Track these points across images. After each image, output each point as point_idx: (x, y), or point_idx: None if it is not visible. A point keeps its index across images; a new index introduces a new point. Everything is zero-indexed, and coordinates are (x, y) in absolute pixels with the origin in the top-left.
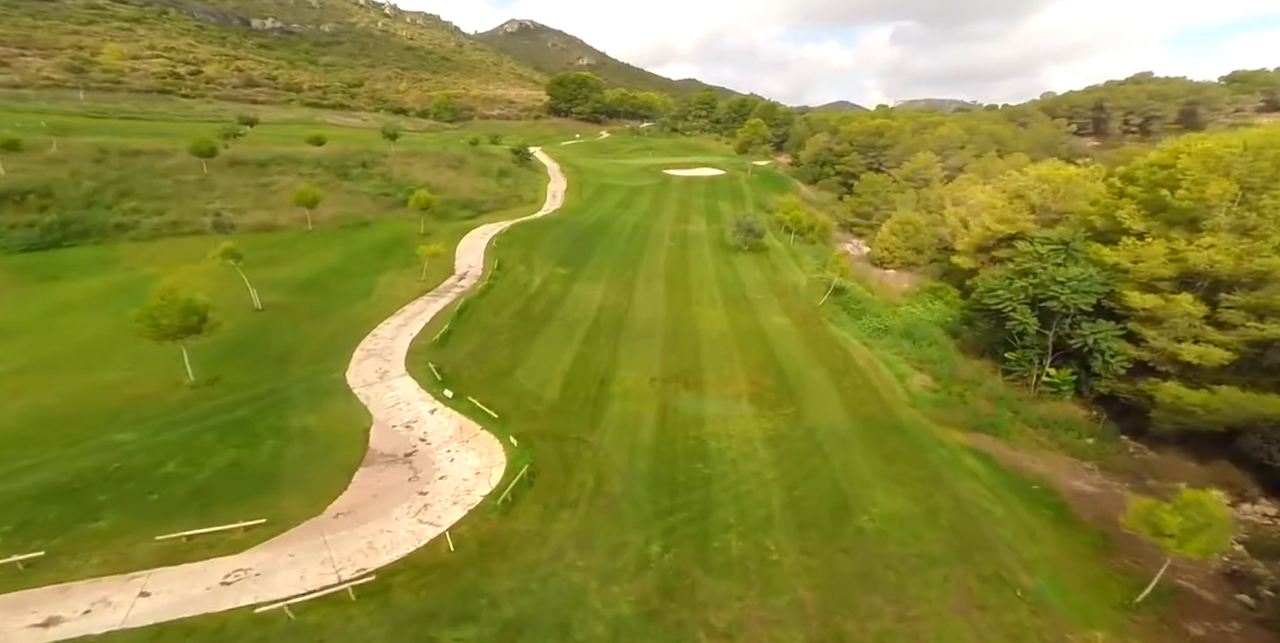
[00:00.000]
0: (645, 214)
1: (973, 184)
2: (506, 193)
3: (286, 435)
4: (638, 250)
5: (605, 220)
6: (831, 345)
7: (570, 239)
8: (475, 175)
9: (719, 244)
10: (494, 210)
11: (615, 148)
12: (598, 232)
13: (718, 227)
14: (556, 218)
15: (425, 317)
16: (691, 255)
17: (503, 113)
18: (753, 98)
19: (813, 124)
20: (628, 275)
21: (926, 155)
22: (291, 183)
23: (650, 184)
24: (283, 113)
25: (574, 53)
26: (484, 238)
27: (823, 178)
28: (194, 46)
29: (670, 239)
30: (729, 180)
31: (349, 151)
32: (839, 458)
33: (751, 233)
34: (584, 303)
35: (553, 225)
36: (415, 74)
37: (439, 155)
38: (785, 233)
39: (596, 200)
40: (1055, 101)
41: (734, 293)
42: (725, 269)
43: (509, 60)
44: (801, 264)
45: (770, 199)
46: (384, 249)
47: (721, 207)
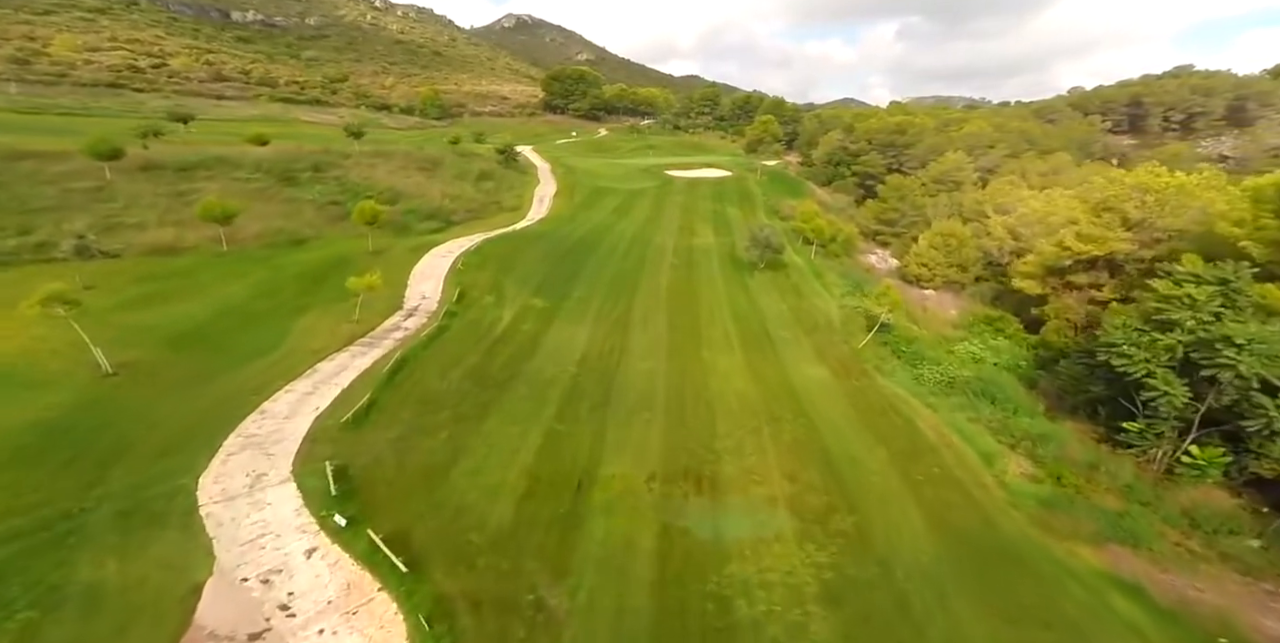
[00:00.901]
0: (644, 223)
1: (1015, 188)
2: (485, 199)
3: (55, 601)
4: (634, 272)
5: (598, 232)
6: (887, 410)
7: (553, 258)
8: (450, 179)
9: (730, 261)
10: (467, 221)
11: (613, 147)
12: (588, 247)
13: (728, 238)
14: (540, 230)
15: (345, 379)
16: (699, 277)
17: (495, 109)
18: (757, 94)
19: (824, 121)
20: (621, 308)
21: (957, 155)
22: (220, 190)
23: (650, 187)
24: (248, 109)
25: (572, 48)
26: (448, 258)
27: (837, 179)
28: (162, 39)
29: (673, 255)
30: (737, 182)
31: (300, 152)
32: (938, 626)
33: (769, 249)
34: (563, 351)
35: (534, 240)
36: (404, 69)
37: (410, 156)
38: (805, 245)
39: (589, 207)
40: (1085, 97)
41: (753, 329)
42: (740, 295)
43: (505, 55)
44: (828, 286)
45: (783, 203)
46: (316, 277)
47: (730, 213)
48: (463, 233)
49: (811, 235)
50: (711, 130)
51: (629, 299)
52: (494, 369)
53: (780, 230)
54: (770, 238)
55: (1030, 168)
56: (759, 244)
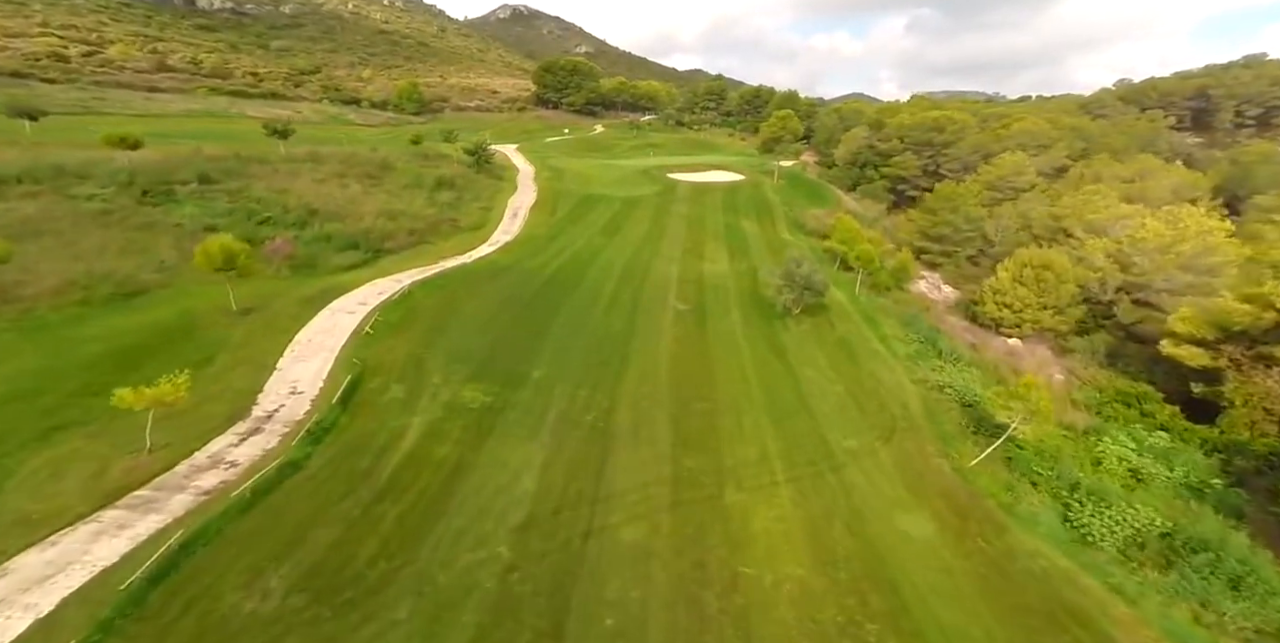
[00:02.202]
0: (641, 244)
1: (1104, 199)
2: (438, 216)
3: None
4: (624, 330)
5: (580, 261)
6: (1056, 615)
7: (512, 310)
8: (397, 190)
9: (753, 301)
10: (408, 248)
11: (610, 145)
12: (563, 288)
13: (745, 263)
14: (503, 261)
15: (45, 598)
16: (715, 335)
17: (482, 104)
18: (767, 88)
19: (844, 116)
20: (601, 402)
21: (1016, 156)
22: (38, 214)
23: (650, 194)
24: (186, 102)
25: (571, 40)
26: (357, 313)
27: (863, 182)
28: (105, 25)
29: (678, 296)
30: (751, 188)
31: (189, 158)
32: None
33: (811, 290)
34: (494, 507)
35: (490, 278)
36: (385, 61)
37: (353, 160)
38: (842, 270)
39: (574, 222)
40: (1137, 90)
41: (802, 436)
42: (774, 367)
43: (498, 47)
44: (889, 342)
45: (806, 214)
46: (128, 360)
47: (745, 227)
48: (394, 268)
49: (856, 262)
50: (718, 127)
51: (614, 382)
52: (360, 562)
53: (811, 252)
54: (812, 276)
55: (1105, 172)
56: (795, 284)
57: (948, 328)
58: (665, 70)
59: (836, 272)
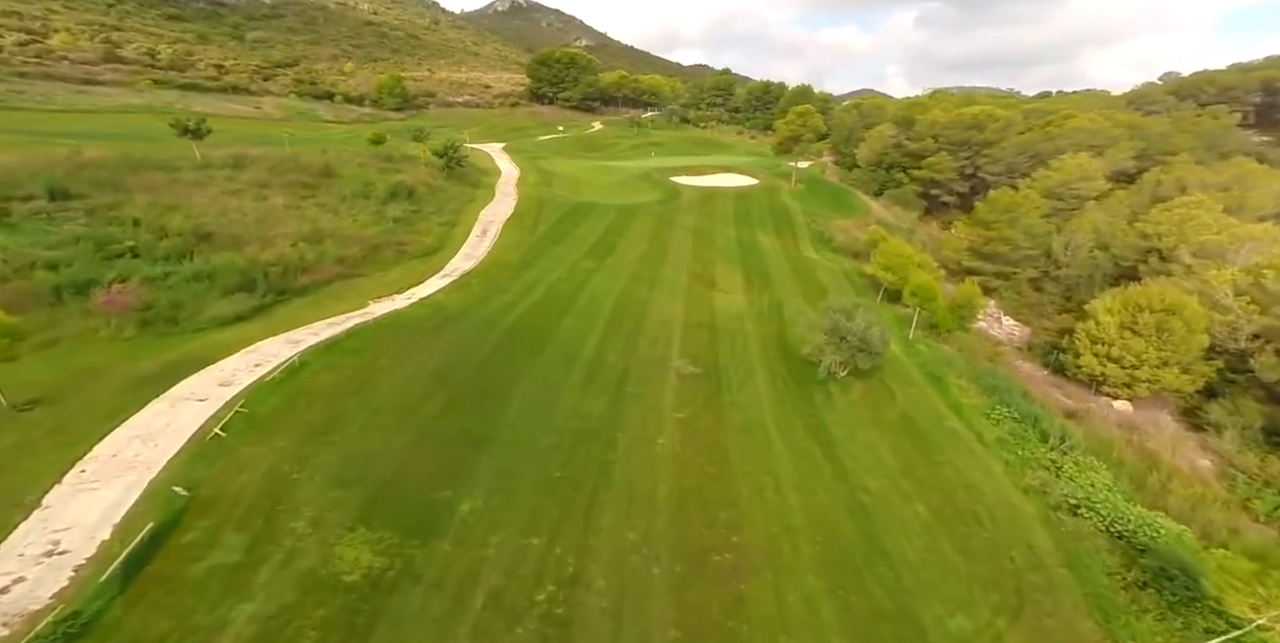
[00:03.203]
0: (638, 270)
1: (1208, 212)
2: (381, 237)
3: None
4: (607, 420)
5: (554, 302)
6: None
7: (445, 390)
8: (335, 202)
9: (780, 355)
10: (327, 286)
11: (608, 144)
12: (527, 347)
13: (768, 295)
14: (450, 305)
15: None
16: (735, 420)
17: (472, 99)
18: (776, 83)
19: (864, 113)
20: (559, 573)
21: (1081, 159)
22: None
23: (651, 201)
24: (125, 96)
25: (571, 33)
26: (215, 398)
27: (890, 186)
28: (54, 12)
29: (683, 354)
30: (766, 194)
31: (46, 165)
32: None
33: (867, 352)
34: None
35: (426, 336)
36: (371, 53)
37: (287, 164)
38: (884, 300)
39: (556, 241)
40: (1190, 84)
41: (878, 607)
42: (821, 472)
43: (494, 41)
44: (973, 421)
45: (832, 225)
46: None
47: (762, 243)
48: (298, 319)
49: (912, 299)
50: (725, 124)
51: (585, 521)
52: None
53: (844, 276)
54: (869, 333)
55: (1190, 178)
56: (845, 343)
57: (1032, 386)
58: (668, 65)
59: (879, 304)
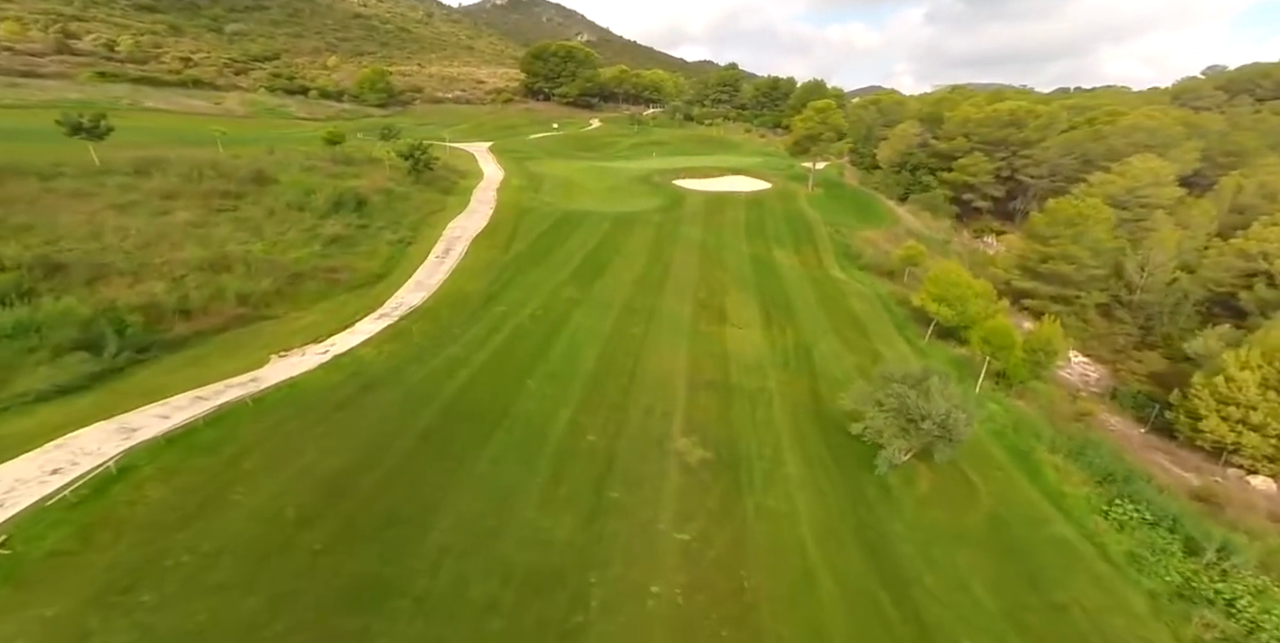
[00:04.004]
0: (631, 300)
1: None
2: (311, 262)
3: None
4: (574, 560)
5: (520, 353)
6: None
7: (344, 508)
8: (262, 216)
9: (815, 424)
10: (218, 334)
11: (606, 142)
12: (471, 432)
13: (792, 333)
14: (376, 363)
15: None
16: (763, 542)
17: (462, 95)
18: (785, 79)
19: (884, 109)
20: None
21: (1151, 161)
22: None
23: (651, 209)
24: (63, 91)
25: (572, 28)
26: None
27: (916, 189)
28: (5, 4)
29: (687, 428)
30: (781, 200)
31: None
32: None
33: (947, 439)
34: None
35: (327, 417)
36: (358, 47)
37: (206, 171)
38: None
39: (535, 262)
40: (1241, 77)
41: None
42: (896, 633)
43: (491, 35)
44: (1084, 522)
45: (856, 237)
46: None
47: (780, 261)
48: (156, 389)
49: (984, 347)
50: (732, 121)
51: None
52: None
53: (872, 295)
54: (952, 418)
55: (1270, 182)
56: (918, 426)
57: (1131, 450)
58: (672, 61)
59: (928, 344)
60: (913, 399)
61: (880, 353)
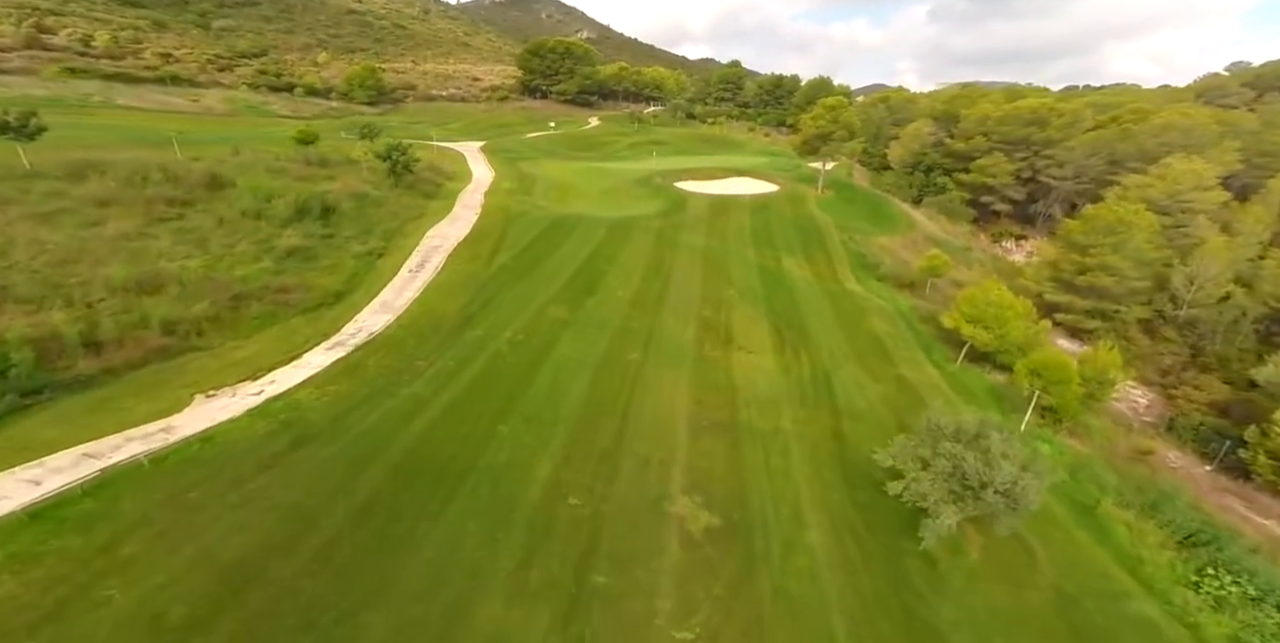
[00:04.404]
0: (627, 321)
1: None
2: (257, 282)
3: None
4: None
5: (495, 390)
6: None
7: (249, 605)
8: (212, 227)
9: (840, 476)
10: (150, 361)
11: (605, 142)
12: (430, 488)
13: (806, 360)
14: (317, 408)
15: None
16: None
17: (457, 93)
18: (789, 76)
19: (893, 107)
20: None
21: (1195, 163)
22: None
23: (650, 213)
24: (26, 88)
25: (572, 25)
26: None
27: (930, 191)
28: None
29: (689, 483)
30: (790, 203)
31: None
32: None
33: (1012, 507)
34: None
35: (257, 475)
36: (351, 43)
37: (153, 175)
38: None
39: (520, 276)
40: (1270, 73)
41: None
42: None
43: (489, 32)
44: (1176, 601)
45: (871, 242)
46: None
47: (791, 271)
48: (39, 444)
49: (1034, 382)
50: (735, 120)
51: None
52: None
53: (893, 312)
54: (1022, 487)
55: None
56: (976, 494)
57: (1198, 493)
58: (673, 59)
59: (960, 369)
60: (971, 463)
61: (907, 380)
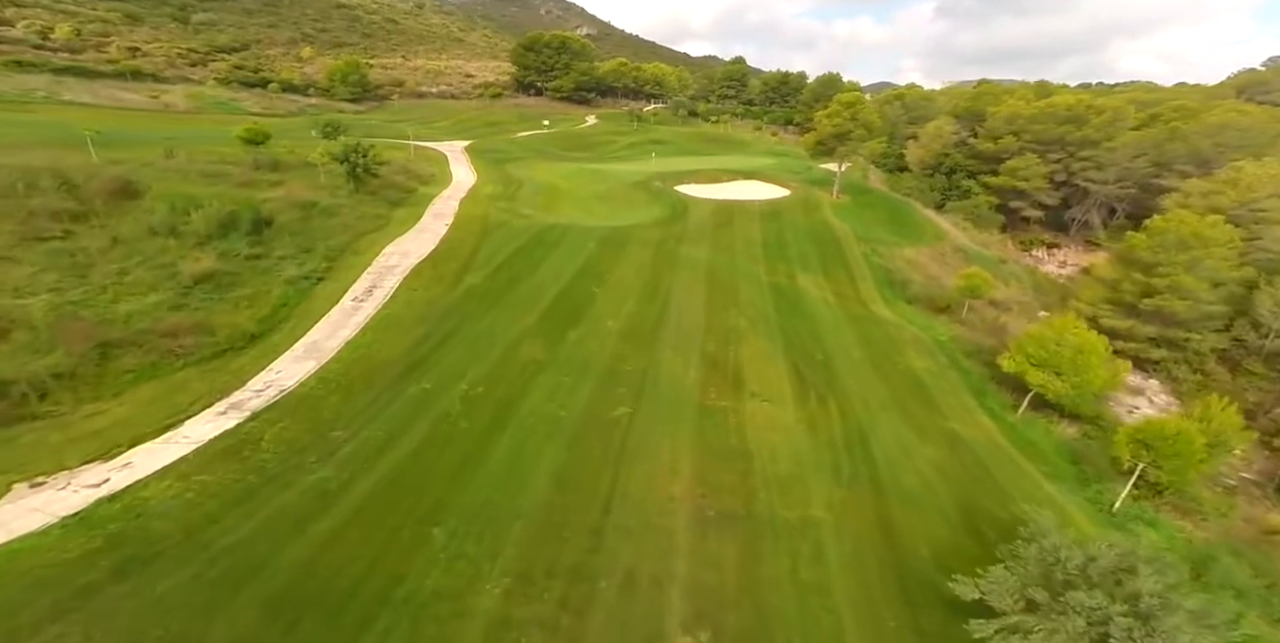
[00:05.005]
0: (615, 359)
1: None
2: (148, 320)
3: None
4: None
5: (434, 470)
6: None
7: None
8: (101, 249)
9: (909, 622)
10: None
11: (601, 141)
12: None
13: (838, 413)
14: (169, 516)
15: None
16: None
17: (448, 90)
18: (795, 73)
19: (909, 105)
20: None
21: (1266, 165)
22: None
23: (648, 222)
24: None
25: (571, 21)
26: None
27: (953, 195)
28: None
29: (695, 619)
30: (803, 210)
31: None
32: None
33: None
34: None
35: (37, 631)
36: (337, 38)
37: (32, 182)
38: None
39: (490, 301)
40: None
41: None
42: None
43: (486, 28)
44: None
45: (894, 255)
46: None
47: (808, 291)
48: None
49: (1142, 455)
50: (740, 118)
51: None
52: None
53: (930, 343)
54: None
55: None
56: None
57: None
58: (675, 56)
59: (1022, 420)
60: (1120, 625)
61: (961, 438)
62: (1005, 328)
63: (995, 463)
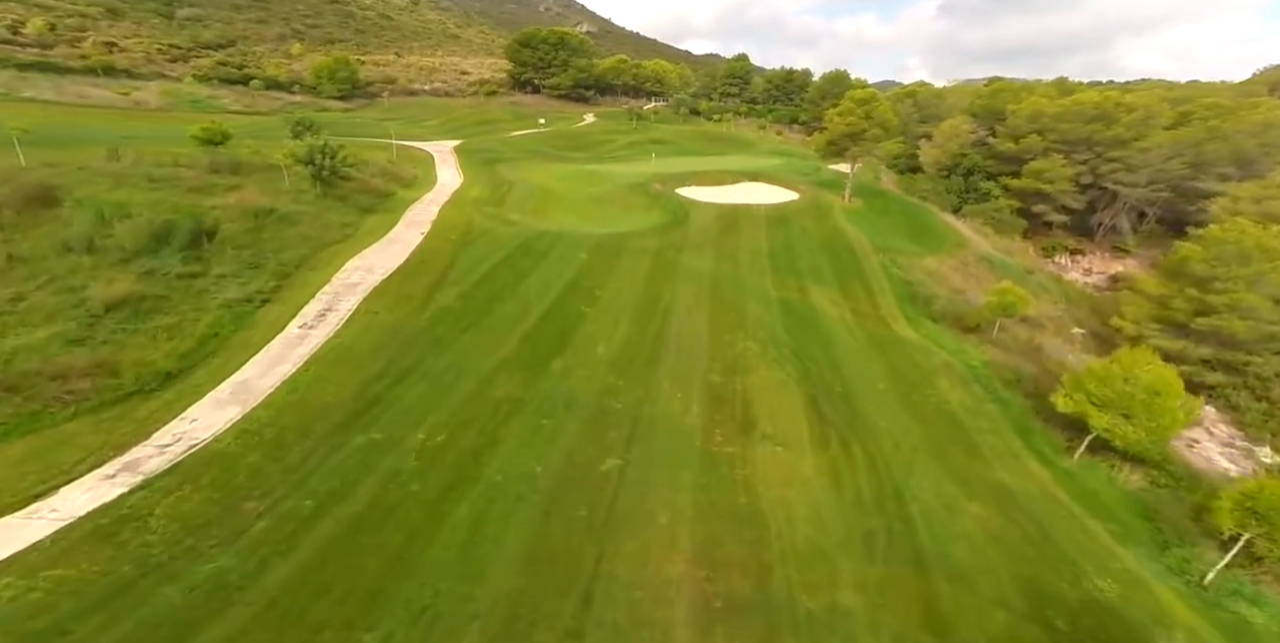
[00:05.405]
0: (605, 396)
1: None
2: (38, 358)
3: None
4: None
5: (367, 562)
6: None
7: None
8: (11, 263)
9: None
10: None
11: (599, 140)
12: None
13: (865, 464)
14: (12, 623)
15: None
16: None
17: (442, 87)
18: (800, 71)
19: (921, 103)
20: None
21: None
22: None
23: (646, 229)
24: None
25: (571, 18)
26: None
27: (971, 199)
28: None
29: None
30: (814, 215)
31: None
32: None
33: None
34: None
35: None
36: (329, 34)
37: None
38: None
39: (464, 324)
40: None
41: None
42: None
43: (483, 25)
44: None
45: (913, 265)
46: None
47: (822, 309)
48: None
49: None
50: (744, 117)
51: None
52: None
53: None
54: None
55: None
56: None
57: None
58: (677, 53)
59: (1079, 466)
60: None
61: (1011, 492)
62: (1041, 349)
63: (1055, 523)
